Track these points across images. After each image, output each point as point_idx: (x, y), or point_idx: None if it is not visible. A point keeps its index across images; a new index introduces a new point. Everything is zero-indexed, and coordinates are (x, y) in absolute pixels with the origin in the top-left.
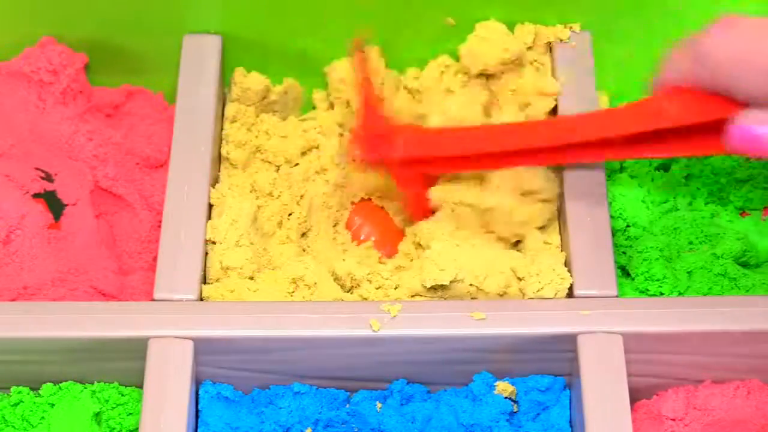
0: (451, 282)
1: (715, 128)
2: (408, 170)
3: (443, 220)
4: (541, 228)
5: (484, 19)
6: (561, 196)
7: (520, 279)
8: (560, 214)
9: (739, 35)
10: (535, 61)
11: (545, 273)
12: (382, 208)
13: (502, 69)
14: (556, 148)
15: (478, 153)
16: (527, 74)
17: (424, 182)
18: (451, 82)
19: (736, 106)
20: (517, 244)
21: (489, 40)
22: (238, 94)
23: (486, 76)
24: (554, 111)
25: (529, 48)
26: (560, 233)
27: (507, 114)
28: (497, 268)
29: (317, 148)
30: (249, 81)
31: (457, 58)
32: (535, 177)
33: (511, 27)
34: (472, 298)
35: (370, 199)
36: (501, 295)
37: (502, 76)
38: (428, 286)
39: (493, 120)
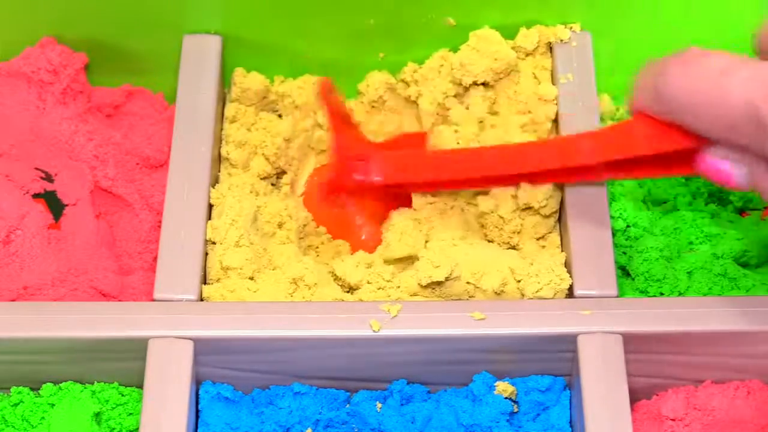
0: (446, 279)
1: (689, 152)
2: (384, 192)
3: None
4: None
5: (484, 19)
6: (561, 198)
7: (518, 281)
8: (560, 214)
9: (697, 75)
10: (535, 66)
11: (544, 274)
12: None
13: (496, 78)
14: (527, 174)
15: (455, 179)
16: (523, 81)
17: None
18: (449, 88)
19: (704, 139)
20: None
21: (480, 51)
22: (237, 94)
23: (484, 84)
24: (556, 114)
25: (530, 54)
26: (560, 233)
27: (507, 122)
28: (494, 266)
29: (318, 148)
30: (249, 81)
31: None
32: (536, 189)
33: (511, 27)
34: (469, 297)
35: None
36: (498, 294)
37: (497, 84)
38: (424, 284)
39: (488, 132)
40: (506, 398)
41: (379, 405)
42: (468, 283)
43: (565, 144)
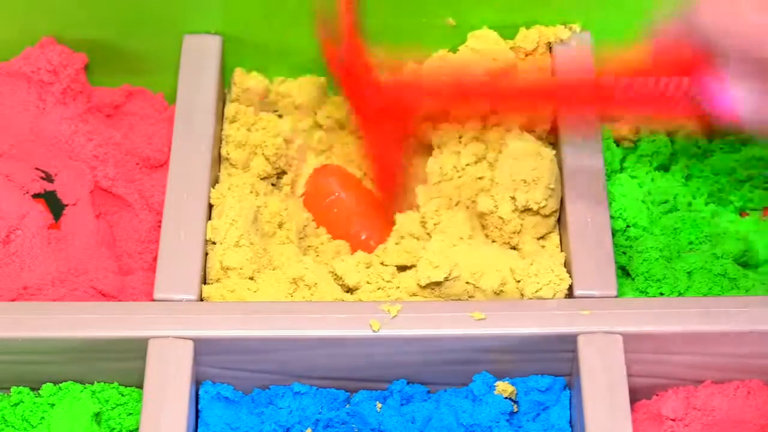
0: (446, 279)
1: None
2: (382, 121)
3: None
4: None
5: (484, 19)
6: (561, 198)
7: (518, 281)
8: (561, 215)
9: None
10: (534, 65)
11: (543, 274)
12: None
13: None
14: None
15: (458, 101)
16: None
17: (394, 149)
18: None
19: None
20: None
21: (478, 52)
22: (237, 94)
23: None
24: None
25: (530, 54)
26: (560, 233)
27: (505, 122)
28: (494, 266)
29: (318, 148)
30: (248, 81)
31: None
32: (536, 190)
33: (511, 27)
34: (469, 297)
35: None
36: (498, 294)
37: None
38: (423, 284)
39: (489, 131)
40: (506, 398)
41: (379, 405)
42: (467, 283)
43: (586, 83)
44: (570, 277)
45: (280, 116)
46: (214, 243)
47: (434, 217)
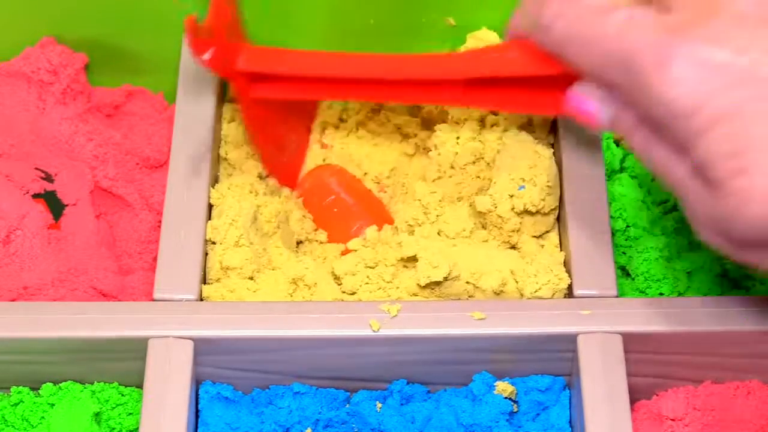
0: (445, 279)
1: (557, 88)
2: (251, 89)
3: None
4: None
5: (484, 19)
6: (561, 197)
7: (517, 281)
8: (560, 214)
9: (576, 10)
10: None
11: (543, 273)
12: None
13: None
14: (398, 83)
15: (322, 78)
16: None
17: (270, 118)
18: None
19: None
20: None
21: None
22: (234, 93)
23: None
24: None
25: None
26: (560, 233)
27: (507, 121)
28: (494, 266)
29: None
30: None
31: None
32: (533, 191)
33: None
34: (469, 296)
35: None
36: (498, 293)
37: None
38: (422, 284)
39: (488, 131)
40: (506, 398)
41: (379, 405)
42: (467, 283)
43: (440, 58)
44: (570, 276)
45: None
46: (213, 243)
47: (437, 208)
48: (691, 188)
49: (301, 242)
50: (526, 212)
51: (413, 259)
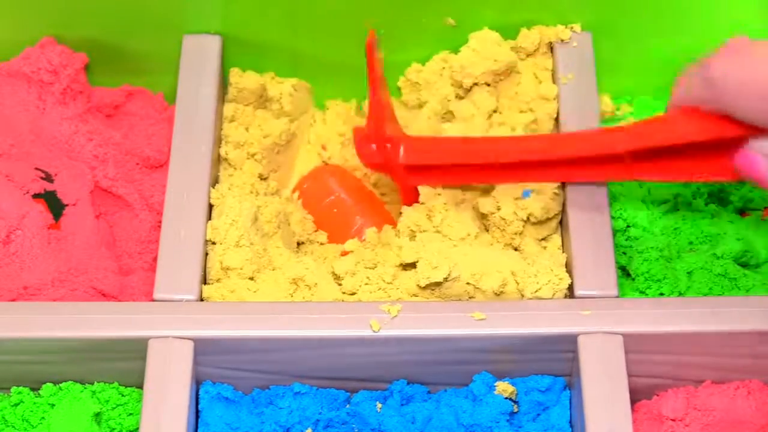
0: (445, 280)
1: (726, 152)
2: (408, 178)
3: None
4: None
5: (485, 19)
6: (562, 199)
7: (517, 282)
8: (562, 215)
9: (745, 60)
10: (536, 67)
11: (543, 274)
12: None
13: (496, 79)
14: (560, 163)
15: (479, 164)
16: (524, 81)
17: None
18: (450, 92)
19: (749, 129)
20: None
21: (479, 53)
22: (234, 94)
23: (486, 84)
24: (556, 114)
25: (531, 54)
26: (561, 233)
27: (511, 120)
28: (494, 267)
29: (318, 147)
30: (245, 80)
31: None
32: (539, 200)
33: (512, 28)
34: (469, 297)
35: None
36: (498, 294)
37: (498, 85)
38: (423, 285)
39: (496, 129)
40: (506, 398)
41: (379, 405)
42: (468, 283)
43: (603, 132)
44: (570, 277)
45: (278, 116)
46: (214, 243)
47: (442, 212)
48: None
49: (301, 243)
50: (530, 221)
51: (412, 265)
